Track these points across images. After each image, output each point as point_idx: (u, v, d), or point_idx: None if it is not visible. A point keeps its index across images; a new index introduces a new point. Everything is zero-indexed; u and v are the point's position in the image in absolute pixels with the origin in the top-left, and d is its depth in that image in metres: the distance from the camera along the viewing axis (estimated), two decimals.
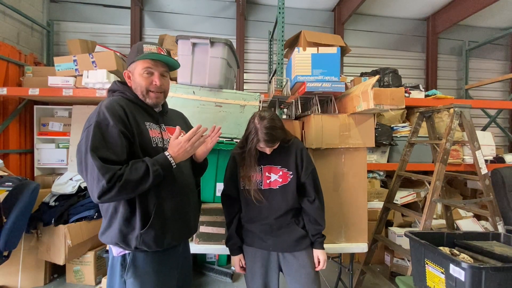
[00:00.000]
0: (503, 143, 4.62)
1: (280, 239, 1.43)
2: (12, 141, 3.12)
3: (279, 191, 1.42)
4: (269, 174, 1.43)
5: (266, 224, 1.43)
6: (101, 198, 0.98)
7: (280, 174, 1.43)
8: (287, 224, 1.43)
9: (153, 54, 1.17)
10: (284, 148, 1.44)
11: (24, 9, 3.40)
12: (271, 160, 1.43)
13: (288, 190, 1.42)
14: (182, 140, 1.11)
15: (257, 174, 1.43)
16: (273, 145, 1.36)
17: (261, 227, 1.44)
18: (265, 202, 1.42)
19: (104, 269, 2.65)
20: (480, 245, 1.38)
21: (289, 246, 1.43)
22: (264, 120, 1.33)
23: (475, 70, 4.62)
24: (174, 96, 1.85)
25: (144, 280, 1.13)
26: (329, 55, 1.98)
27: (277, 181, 1.42)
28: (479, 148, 2.12)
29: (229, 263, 3.06)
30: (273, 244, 1.43)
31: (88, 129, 1.03)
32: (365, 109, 1.66)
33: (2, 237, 1.84)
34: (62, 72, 2.95)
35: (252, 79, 4.31)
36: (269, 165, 1.44)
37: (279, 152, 1.43)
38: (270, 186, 1.43)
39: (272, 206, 1.42)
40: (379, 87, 3.02)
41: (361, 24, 4.42)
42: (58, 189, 2.62)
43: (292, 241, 1.42)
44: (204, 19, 4.17)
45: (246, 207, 1.47)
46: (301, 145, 1.49)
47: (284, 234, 1.43)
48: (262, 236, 1.44)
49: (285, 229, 1.43)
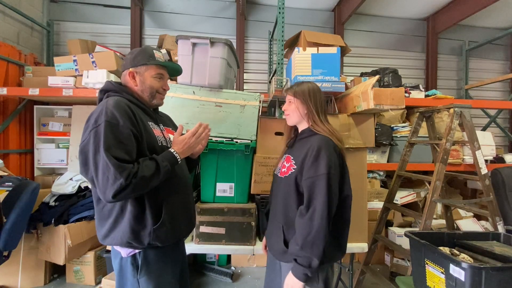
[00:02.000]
0: (503, 143, 4.61)
1: (270, 239, 1.36)
2: (12, 141, 3.12)
3: (282, 182, 1.32)
4: (286, 163, 1.34)
5: (269, 210, 1.43)
6: (116, 196, 1.00)
7: (288, 165, 1.31)
8: (277, 224, 1.30)
9: (170, 63, 1.31)
10: (306, 140, 1.31)
11: (24, 9, 3.40)
12: (292, 150, 1.37)
13: (285, 183, 1.28)
14: (187, 136, 1.22)
15: (281, 161, 1.40)
16: (288, 93, 1.34)
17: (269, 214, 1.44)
18: (274, 191, 1.39)
19: (104, 269, 2.65)
20: (480, 245, 1.38)
21: (273, 249, 1.34)
22: None
23: (475, 70, 4.62)
24: (174, 96, 1.85)
25: (157, 275, 1.16)
26: (329, 55, 1.98)
27: (284, 171, 1.32)
28: (479, 148, 2.12)
29: (229, 263, 3.06)
30: (268, 240, 1.39)
31: (96, 129, 1.03)
32: (365, 109, 1.66)
33: (2, 237, 1.84)
34: (62, 72, 2.95)
35: (252, 79, 4.31)
36: (289, 155, 1.35)
37: (301, 143, 1.33)
38: (281, 174, 1.34)
39: (273, 195, 1.39)
40: (379, 87, 3.02)
41: (361, 24, 4.41)
42: (58, 189, 2.62)
43: (276, 247, 1.29)
44: (204, 19, 4.17)
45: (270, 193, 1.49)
46: (320, 141, 1.21)
47: (272, 234, 1.34)
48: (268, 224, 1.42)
49: (274, 230, 1.32)
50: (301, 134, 1.35)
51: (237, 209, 1.82)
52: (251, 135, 1.89)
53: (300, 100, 1.30)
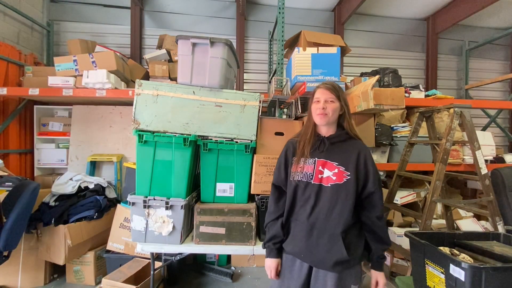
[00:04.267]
0: (503, 143, 4.61)
1: (316, 249, 1.22)
2: (12, 141, 3.12)
3: (329, 190, 1.22)
4: (322, 169, 1.24)
5: (301, 222, 1.26)
6: None
7: (335, 172, 1.22)
8: (331, 235, 1.20)
9: None
10: (345, 144, 1.28)
11: (24, 9, 3.40)
12: (328, 154, 1.26)
13: (341, 192, 1.21)
14: None
15: (308, 166, 1.26)
16: (330, 91, 1.26)
17: (300, 226, 1.26)
18: (312, 200, 1.24)
19: (104, 269, 2.65)
20: (480, 245, 1.38)
21: (322, 262, 1.22)
22: None
23: (475, 70, 4.62)
24: (174, 96, 1.85)
25: None
26: (329, 55, 1.98)
27: (330, 178, 1.23)
28: (479, 148, 2.11)
29: (229, 263, 3.06)
30: (305, 249, 1.23)
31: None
32: (365, 109, 1.66)
33: (2, 237, 1.84)
34: (62, 72, 2.95)
35: (252, 79, 4.31)
36: (324, 159, 1.25)
37: (339, 147, 1.27)
38: (321, 182, 1.24)
39: (318, 206, 1.23)
40: (379, 87, 3.02)
41: (361, 24, 4.41)
42: (58, 189, 2.62)
43: (328, 259, 1.20)
44: (204, 19, 4.17)
45: (290, 203, 1.30)
46: (367, 149, 1.30)
47: (322, 245, 1.21)
48: (297, 236, 1.26)
49: (326, 241, 1.21)
50: (336, 137, 1.30)
51: (237, 209, 1.82)
52: (251, 135, 1.89)
53: (342, 102, 1.29)
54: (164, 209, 1.80)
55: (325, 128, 1.31)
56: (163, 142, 1.80)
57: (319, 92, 1.29)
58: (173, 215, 1.81)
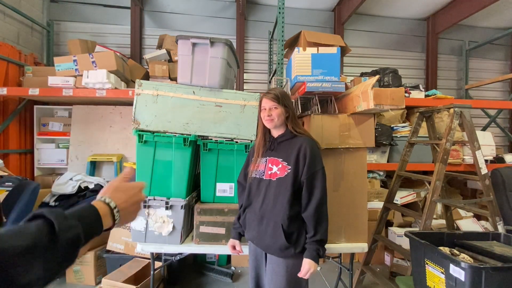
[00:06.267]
0: (503, 143, 4.61)
1: (265, 235, 1.39)
2: (12, 141, 3.12)
3: (275, 184, 1.40)
4: (271, 166, 1.44)
5: (254, 213, 1.46)
6: None
7: (279, 167, 1.41)
8: (275, 224, 1.36)
9: None
10: (291, 142, 1.44)
11: (24, 9, 3.40)
12: (276, 152, 1.45)
13: (282, 184, 1.38)
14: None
15: (262, 164, 1.48)
16: (272, 99, 1.41)
17: (253, 216, 1.46)
18: (262, 193, 1.43)
19: (104, 269, 2.65)
20: (480, 245, 1.38)
21: (269, 247, 1.40)
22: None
23: (475, 70, 4.62)
24: (174, 96, 1.85)
25: None
26: (329, 55, 1.98)
27: (276, 173, 1.41)
28: (479, 148, 2.12)
29: (229, 263, 3.06)
30: (257, 236, 1.43)
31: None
32: (365, 109, 1.66)
33: None
34: (62, 72, 2.95)
35: (252, 79, 4.31)
36: (273, 157, 1.45)
37: (285, 145, 1.44)
38: (271, 177, 1.43)
39: (267, 197, 1.42)
40: (379, 87, 3.02)
41: (361, 24, 4.41)
42: (58, 189, 2.62)
43: (273, 246, 1.37)
44: (204, 19, 4.17)
45: (247, 196, 1.52)
46: (310, 142, 1.41)
47: (268, 232, 1.38)
48: (251, 224, 1.47)
49: (271, 228, 1.37)
50: (282, 136, 1.46)
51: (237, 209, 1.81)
52: (251, 135, 1.89)
53: (284, 105, 1.43)
54: (164, 209, 1.80)
55: (275, 130, 1.48)
56: (163, 142, 1.80)
57: (264, 102, 1.46)
58: (173, 215, 1.81)
